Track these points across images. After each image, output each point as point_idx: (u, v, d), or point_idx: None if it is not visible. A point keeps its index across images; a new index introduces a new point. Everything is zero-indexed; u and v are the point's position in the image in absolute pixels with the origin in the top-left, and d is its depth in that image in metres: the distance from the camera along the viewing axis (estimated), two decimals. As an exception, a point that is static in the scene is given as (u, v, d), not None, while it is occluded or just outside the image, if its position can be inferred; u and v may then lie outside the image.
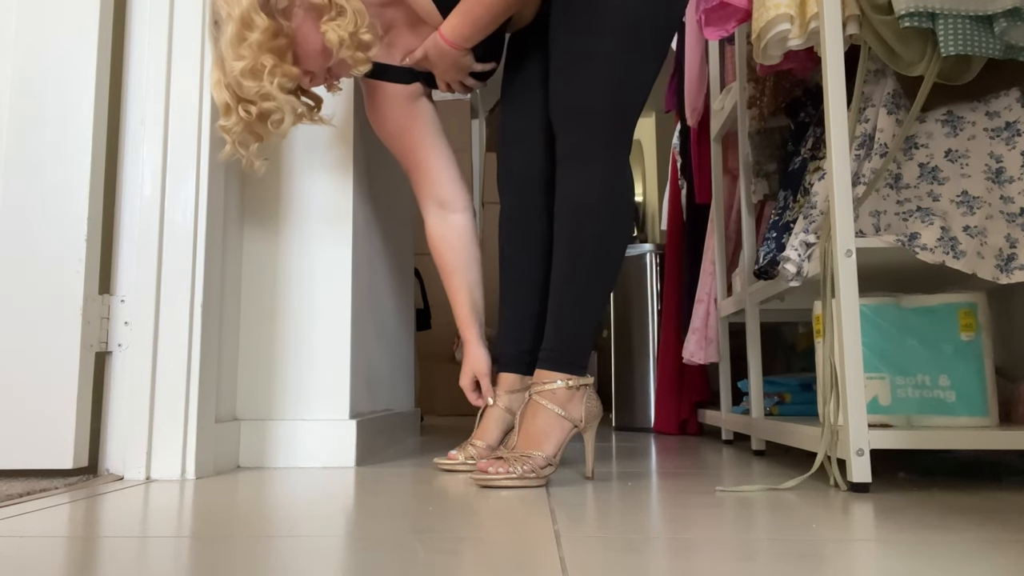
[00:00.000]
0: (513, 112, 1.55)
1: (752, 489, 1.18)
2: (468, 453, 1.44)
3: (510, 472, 1.20)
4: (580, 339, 1.30)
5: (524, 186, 1.52)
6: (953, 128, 1.35)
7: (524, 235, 1.51)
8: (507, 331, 1.50)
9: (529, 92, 1.53)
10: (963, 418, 1.28)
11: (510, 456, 1.23)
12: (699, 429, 2.46)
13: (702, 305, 2.26)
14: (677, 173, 2.64)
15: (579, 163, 1.32)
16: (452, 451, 1.46)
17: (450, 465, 1.44)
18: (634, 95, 1.33)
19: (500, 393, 1.49)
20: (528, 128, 1.51)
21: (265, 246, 1.61)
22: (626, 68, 1.32)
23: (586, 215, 1.30)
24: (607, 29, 1.32)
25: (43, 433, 1.32)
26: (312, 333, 1.58)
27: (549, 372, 1.27)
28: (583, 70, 1.32)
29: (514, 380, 1.48)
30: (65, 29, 1.41)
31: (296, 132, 1.63)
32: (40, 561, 0.73)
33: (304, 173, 1.62)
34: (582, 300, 1.30)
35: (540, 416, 1.25)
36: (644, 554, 0.75)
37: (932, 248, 1.24)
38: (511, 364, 1.49)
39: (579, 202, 1.31)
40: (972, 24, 1.21)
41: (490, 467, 1.21)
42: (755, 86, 1.83)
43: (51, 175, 1.38)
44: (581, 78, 1.32)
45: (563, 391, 1.26)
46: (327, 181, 1.62)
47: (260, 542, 0.81)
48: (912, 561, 0.73)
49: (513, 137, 1.54)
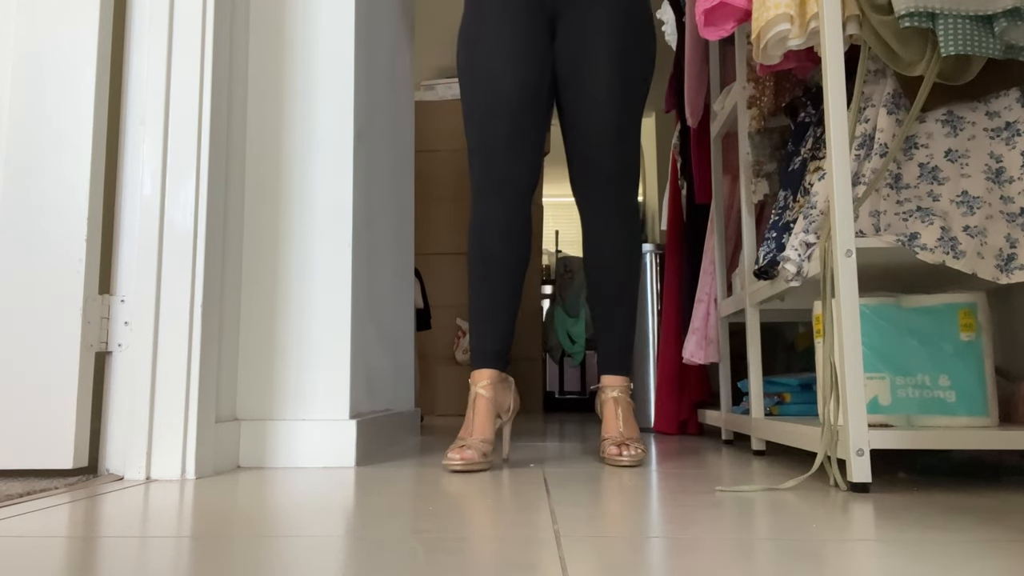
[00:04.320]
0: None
1: (752, 489, 1.18)
2: (481, 450, 1.46)
3: (639, 453, 1.54)
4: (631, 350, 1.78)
5: (520, 196, 1.63)
6: (953, 128, 1.35)
7: (518, 244, 1.64)
8: (496, 331, 1.62)
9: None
10: (963, 418, 1.28)
11: (631, 441, 1.56)
12: (699, 429, 2.46)
13: (702, 305, 2.26)
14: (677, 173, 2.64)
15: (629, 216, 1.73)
16: (467, 452, 1.44)
17: (465, 465, 1.43)
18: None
19: (487, 386, 1.57)
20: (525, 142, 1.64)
21: (265, 246, 1.61)
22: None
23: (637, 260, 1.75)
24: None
25: (43, 433, 1.32)
26: (312, 333, 1.58)
27: (622, 376, 1.70)
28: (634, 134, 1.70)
29: (498, 375, 1.60)
30: (65, 29, 1.41)
31: (296, 131, 1.63)
32: (40, 561, 0.73)
33: (304, 173, 1.62)
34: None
35: (630, 407, 1.68)
36: (644, 554, 0.75)
37: (932, 248, 1.24)
38: (497, 361, 1.61)
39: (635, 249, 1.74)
40: (972, 24, 1.21)
41: (624, 452, 1.53)
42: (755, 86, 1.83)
43: (51, 175, 1.38)
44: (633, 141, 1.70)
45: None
46: (327, 181, 1.62)
47: (260, 542, 0.81)
48: (912, 561, 0.73)
49: (509, 147, 1.62)
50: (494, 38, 1.62)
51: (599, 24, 1.63)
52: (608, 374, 1.70)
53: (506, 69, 1.61)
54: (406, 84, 2.41)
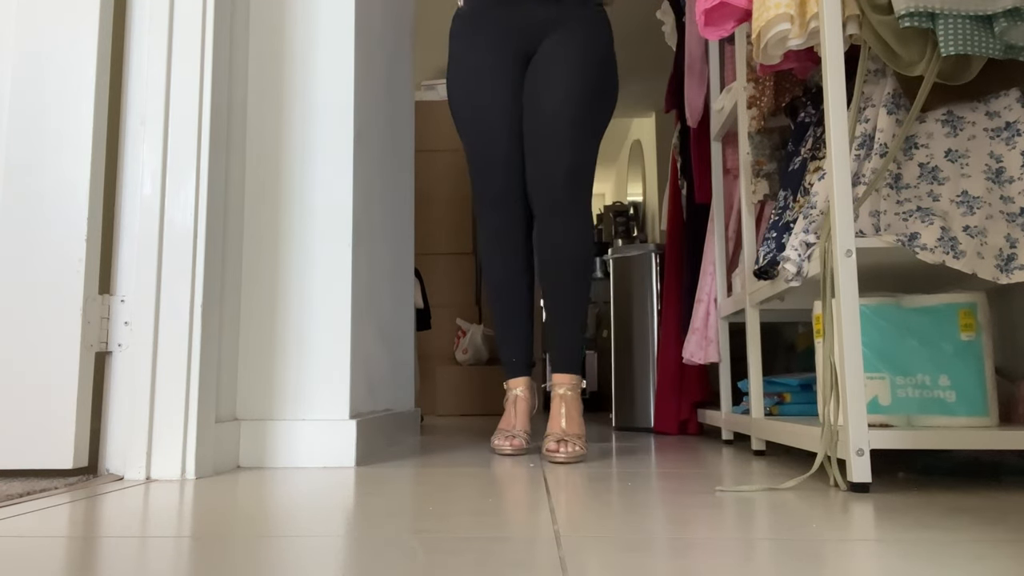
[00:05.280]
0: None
1: (752, 489, 1.18)
2: (525, 439, 1.77)
3: (576, 450, 1.60)
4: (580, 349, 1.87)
5: (518, 209, 1.85)
6: (953, 128, 1.35)
7: (525, 257, 1.88)
8: (517, 342, 1.88)
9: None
10: (963, 418, 1.28)
11: (571, 438, 1.63)
12: (699, 429, 2.46)
13: (702, 305, 2.26)
14: (677, 173, 2.64)
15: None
16: (515, 440, 1.74)
17: (515, 451, 1.74)
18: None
19: (524, 390, 1.86)
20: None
21: (265, 246, 1.61)
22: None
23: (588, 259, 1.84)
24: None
25: (43, 433, 1.32)
26: (312, 333, 1.58)
27: (571, 375, 1.79)
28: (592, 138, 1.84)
29: (528, 380, 1.89)
30: (65, 28, 1.41)
31: (296, 131, 1.63)
32: (40, 561, 0.73)
33: (304, 173, 1.62)
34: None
35: (576, 404, 1.78)
36: (644, 554, 0.75)
37: (932, 248, 1.24)
38: (526, 368, 1.89)
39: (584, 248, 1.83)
40: (972, 24, 1.21)
41: (561, 449, 1.59)
42: (755, 86, 1.83)
43: (51, 175, 1.38)
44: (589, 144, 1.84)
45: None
46: (327, 181, 1.62)
47: (260, 542, 0.81)
48: (912, 561, 0.73)
49: (505, 166, 1.84)
50: (478, 74, 1.85)
51: (559, 49, 1.82)
52: (558, 372, 1.80)
53: (491, 98, 1.83)
54: (406, 84, 2.41)
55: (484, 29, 1.86)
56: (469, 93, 1.84)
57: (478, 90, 1.84)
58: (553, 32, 1.83)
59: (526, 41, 1.85)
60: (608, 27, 1.89)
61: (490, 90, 1.83)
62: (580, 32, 1.82)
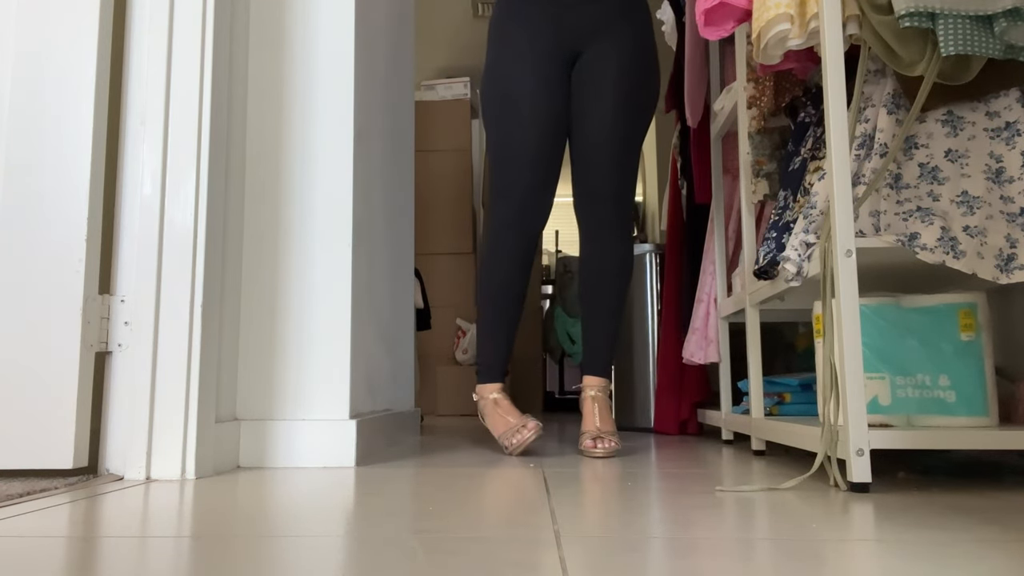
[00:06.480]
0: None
1: (752, 489, 1.18)
2: (534, 419, 1.78)
3: (613, 446, 1.69)
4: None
5: (538, 213, 1.85)
6: (953, 128, 1.35)
7: (528, 274, 1.88)
8: (502, 351, 1.88)
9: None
10: (963, 418, 1.28)
11: (606, 435, 1.71)
12: (699, 429, 2.46)
13: (702, 305, 2.26)
14: (677, 173, 2.64)
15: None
16: (518, 436, 1.74)
17: (524, 444, 1.73)
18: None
19: (500, 392, 1.86)
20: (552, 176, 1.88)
21: (265, 246, 1.61)
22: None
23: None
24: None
25: (43, 433, 1.32)
26: (312, 333, 1.58)
27: (602, 378, 1.87)
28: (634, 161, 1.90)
29: (502, 386, 1.89)
30: (65, 28, 1.41)
31: (296, 131, 1.63)
32: (40, 561, 0.73)
33: (304, 173, 1.62)
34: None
35: (607, 404, 1.84)
36: (644, 554, 0.75)
37: (932, 248, 1.24)
38: (502, 376, 1.90)
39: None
40: (972, 24, 1.21)
41: (599, 445, 1.68)
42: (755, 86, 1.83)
43: (51, 175, 1.38)
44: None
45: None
46: (327, 181, 1.62)
47: (260, 542, 0.81)
48: (912, 561, 0.73)
49: (545, 187, 1.85)
50: (519, 72, 1.82)
51: (608, 61, 1.84)
52: (590, 375, 1.88)
53: (533, 97, 1.81)
54: (406, 84, 2.41)
55: (529, 20, 1.84)
56: (504, 84, 1.83)
57: (514, 83, 1.82)
58: (603, 36, 1.84)
59: (573, 39, 1.85)
60: (652, 29, 1.91)
61: (528, 85, 1.81)
62: (629, 40, 1.85)
